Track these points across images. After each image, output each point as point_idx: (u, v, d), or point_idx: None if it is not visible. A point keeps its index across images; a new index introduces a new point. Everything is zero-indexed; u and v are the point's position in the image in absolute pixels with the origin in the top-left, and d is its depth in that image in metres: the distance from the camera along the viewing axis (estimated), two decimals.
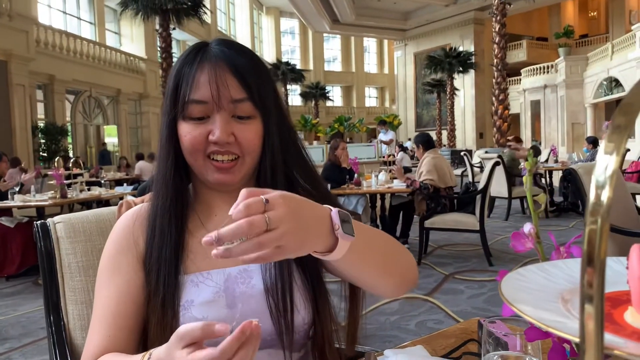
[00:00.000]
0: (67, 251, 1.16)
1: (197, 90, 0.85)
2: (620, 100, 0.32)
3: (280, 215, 0.59)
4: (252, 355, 0.61)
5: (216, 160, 0.86)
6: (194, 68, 0.86)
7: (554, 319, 0.33)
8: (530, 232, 0.53)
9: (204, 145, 0.86)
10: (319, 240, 0.65)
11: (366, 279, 0.80)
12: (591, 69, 21.33)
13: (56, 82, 15.92)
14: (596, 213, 0.27)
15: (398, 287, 0.84)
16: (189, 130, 0.86)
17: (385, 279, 0.82)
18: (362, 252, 0.74)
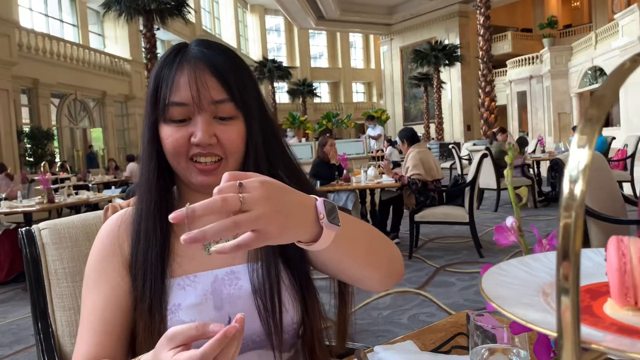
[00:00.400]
0: (53, 257, 1.15)
1: (177, 93, 0.84)
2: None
3: (255, 198, 0.57)
4: (234, 354, 0.61)
5: (199, 162, 0.85)
6: (173, 70, 0.85)
7: (533, 314, 0.33)
8: (513, 226, 0.53)
9: (187, 147, 0.85)
10: (302, 229, 0.64)
11: (352, 271, 0.80)
12: (576, 58, 21.49)
13: (40, 85, 15.76)
14: (570, 207, 0.27)
15: (384, 280, 0.83)
16: (171, 133, 0.85)
17: (371, 272, 0.81)
18: (347, 243, 0.73)
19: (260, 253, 0.89)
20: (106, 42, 21.16)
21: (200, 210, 0.55)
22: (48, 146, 15.02)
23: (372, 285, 0.84)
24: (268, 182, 0.60)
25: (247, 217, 0.56)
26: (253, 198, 0.57)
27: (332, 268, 0.79)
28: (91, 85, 18.30)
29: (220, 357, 0.60)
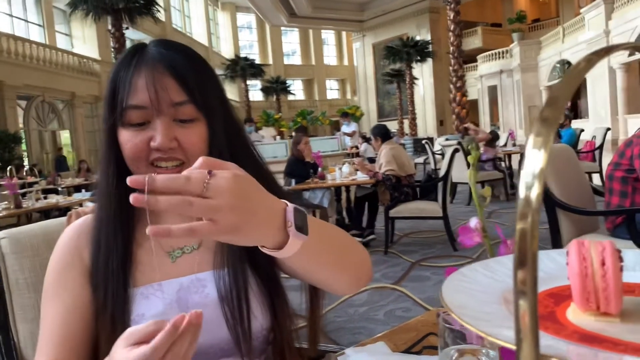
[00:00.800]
0: (13, 267, 1.11)
1: (135, 95, 0.81)
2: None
3: (220, 187, 0.55)
4: (189, 347, 0.60)
5: (160, 167, 0.82)
6: (130, 71, 0.82)
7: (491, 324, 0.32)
8: (477, 227, 0.53)
9: (146, 152, 0.82)
10: (266, 233, 0.61)
11: (320, 276, 0.78)
12: (544, 52, 21.90)
13: (6, 87, 15.36)
14: (526, 215, 0.26)
15: (353, 283, 0.81)
16: (130, 137, 0.82)
17: (339, 276, 0.79)
18: (315, 251, 0.71)
19: (227, 259, 0.86)
20: (74, 42, 20.74)
21: (160, 182, 0.53)
22: (16, 150, 14.65)
23: (340, 289, 0.82)
24: (241, 177, 0.58)
25: (205, 202, 0.54)
26: (218, 187, 0.55)
27: (300, 274, 0.77)
28: (59, 86, 17.91)
29: (174, 349, 0.58)
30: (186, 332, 0.58)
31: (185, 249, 0.90)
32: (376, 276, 4.23)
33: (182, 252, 0.89)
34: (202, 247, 0.90)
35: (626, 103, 15.57)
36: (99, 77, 20.25)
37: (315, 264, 0.74)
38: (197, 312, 0.59)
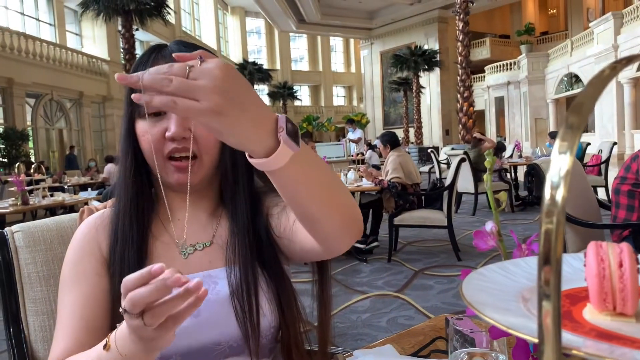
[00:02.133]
0: (26, 261, 1.13)
1: None
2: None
3: (205, 70, 0.55)
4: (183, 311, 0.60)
5: (175, 159, 0.85)
6: (148, 66, 0.85)
7: (513, 319, 0.33)
8: (492, 231, 0.54)
9: (162, 143, 0.84)
10: (257, 133, 0.59)
11: (310, 204, 0.71)
12: (552, 65, 21.88)
13: (15, 85, 15.46)
14: (551, 214, 0.27)
15: (343, 227, 0.76)
16: (146, 129, 0.85)
17: (330, 212, 0.73)
18: (305, 169, 0.67)
19: (238, 256, 0.88)
20: (84, 41, 20.87)
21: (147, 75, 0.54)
22: (23, 147, 14.74)
23: (332, 229, 0.75)
24: (230, 67, 0.57)
25: (186, 81, 0.54)
26: (203, 70, 0.55)
27: (290, 195, 0.70)
28: (68, 85, 18.01)
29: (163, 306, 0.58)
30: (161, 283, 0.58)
31: (198, 245, 0.91)
32: (379, 284, 4.23)
33: (194, 249, 0.91)
34: (214, 244, 0.92)
35: (633, 118, 15.55)
36: (107, 78, 20.36)
37: (306, 185, 0.69)
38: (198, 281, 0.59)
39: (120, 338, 0.66)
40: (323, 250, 0.81)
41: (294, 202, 0.71)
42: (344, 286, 4.21)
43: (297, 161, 0.63)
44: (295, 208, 0.73)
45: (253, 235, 0.89)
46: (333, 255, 0.83)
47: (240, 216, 0.90)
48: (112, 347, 0.66)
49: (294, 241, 0.87)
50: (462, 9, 16.15)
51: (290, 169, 0.63)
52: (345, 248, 0.80)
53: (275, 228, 0.91)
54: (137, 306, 0.58)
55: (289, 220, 0.88)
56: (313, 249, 0.82)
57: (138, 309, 0.58)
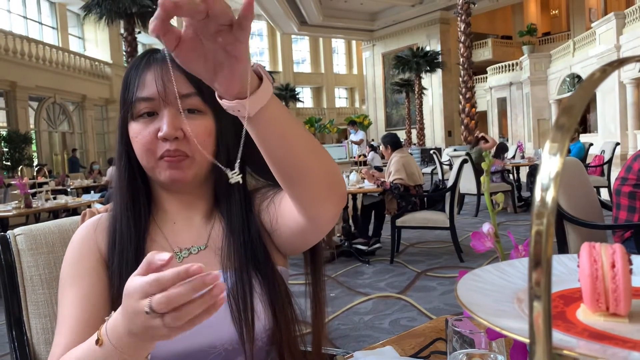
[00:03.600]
0: (28, 264, 1.13)
1: (144, 88, 0.85)
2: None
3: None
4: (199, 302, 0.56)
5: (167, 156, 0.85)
6: (140, 69, 0.87)
7: (507, 320, 0.33)
8: (489, 232, 0.54)
9: (155, 144, 0.85)
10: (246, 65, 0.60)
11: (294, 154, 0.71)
12: (554, 66, 21.84)
13: (18, 88, 15.51)
14: (541, 215, 0.27)
15: (326, 184, 0.75)
16: (139, 130, 0.86)
17: (314, 165, 0.73)
18: (285, 113, 0.68)
19: (233, 260, 0.88)
20: (86, 45, 20.94)
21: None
22: (26, 150, 14.78)
23: (315, 191, 0.75)
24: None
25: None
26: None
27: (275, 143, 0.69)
28: (71, 88, 18.07)
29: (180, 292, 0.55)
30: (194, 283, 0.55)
31: (192, 249, 0.92)
32: (381, 285, 4.23)
33: (189, 253, 0.91)
34: (209, 247, 0.92)
35: (636, 118, 15.50)
36: (110, 80, 20.42)
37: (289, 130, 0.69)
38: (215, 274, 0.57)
39: (113, 332, 0.64)
40: (308, 222, 0.80)
41: (278, 150, 0.70)
42: (346, 288, 4.21)
43: (275, 100, 0.66)
44: (278, 160, 0.72)
45: (248, 237, 0.89)
46: (321, 230, 0.83)
47: (235, 217, 0.90)
48: (105, 342, 0.65)
49: (281, 225, 0.88)
50: (464, 10, 16.15)
51: (273, 106, 0.65)
52: (329, 216, 0.79)
53: (266, 222, 0.92)
54: (171, 305, 0.55)
55: (275, 207, 0.90)
56: (299, 225, 0.82)
57: (169, 308, 0.55)
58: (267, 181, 0.96)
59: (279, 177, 0.75)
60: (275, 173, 0.74)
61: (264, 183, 0.97)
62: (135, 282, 0.58)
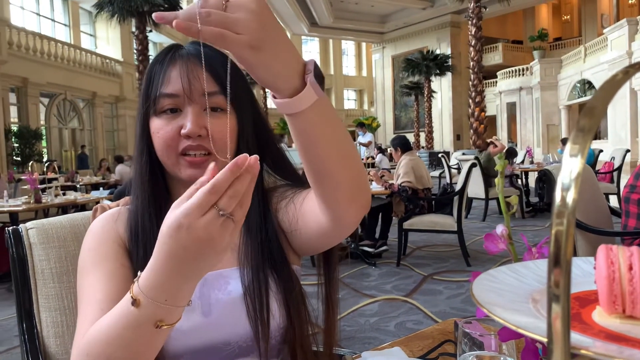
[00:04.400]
0: (40, 257, 1.14)
1: (168, 85, 0.85)
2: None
3: (243, 4, 0.55)
4: (247, 190, 0.57)
5: (188, 155, 0.85)
6: (165, 64, 0.86)
7: (523, 319, 0.33)
8: (503, 234, 0.54)
9: (177, 141, 0.85)
10: (286, 69, 0.61)
11: (326, 156, 0.70)
12: (565, 71, 21.72)
13: (30, 85, 15.64)
14: (562, 215, 0.27)
15: (353, 187, 0.75)
16: (161, 126, 0.85)
17: (343, 166, 0.72)
18: (325, 118, 0.67)
19: (249, 257, 0.89)
20: (98, 42, 21.07)
21: (182, 12, 0.54)
22: (36, 146, 14.89)
23: (342, 193, 0.74)
24: (264, 3, 0.58)
25: (228, 15, 0.55)
26: (242, 3, 0.56)
27: (307, 143, 0.69)
28: (81, 85, 18.20)
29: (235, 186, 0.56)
30: (246, 172, 0.57)
31: None
32: (387, 288, 4.23)
33: None
34: None
35: None
36: (120, 78, 20.54)
37: (324, 134, 0.68)
38: (255, 156, 0.57)
39: (150, 287, 0.62)
40: (331, 224, 0.79)
41: (309, 151, 0.70)
42: (352, 289, 4.21)
43: (319, 107, 0.64)
44: (309, 159, 0.72)
45: (265, 236, 0.90)
46: (341, 233, 0.82)
47: (252, 216, 0.90)
48: (142, 301, 0.62)
49: (301, 226, 0.88)
50: (475, 13, 16.10)
51: (312, 113, 0.64)
52: (352, 221, 0.79)
53: (283, 222, 0.91)
54: (235, 199, 0.56)
55: (295, 207, 0.89)
56: (320, 227, 0.82)
57: (234, 204, 0.56)
58: (285, 180, 0.96)
59: (307, 173, 0.75)
60: (305, 168, 0.74)
61: (282, 182, 0.97)
62: (187, 205, 0.57)
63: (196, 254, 0.58)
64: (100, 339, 0.68)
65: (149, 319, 0.63)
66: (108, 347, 0.67)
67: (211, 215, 0.56)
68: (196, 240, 0.57)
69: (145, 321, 0.63)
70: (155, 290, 0.62)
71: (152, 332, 0.64)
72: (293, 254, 0.94)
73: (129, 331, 0.65)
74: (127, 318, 0.65)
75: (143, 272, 0.63)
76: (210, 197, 0.56)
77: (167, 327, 0.64)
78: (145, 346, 0.66)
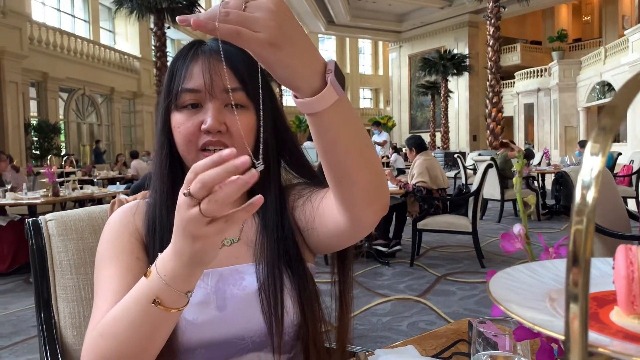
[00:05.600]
0: (58, 249, 1.16)
1: (190, 80, 0.86)
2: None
3: (262, 4, 0.57)
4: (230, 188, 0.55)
5: (208, 151, 0.86)
6: (187, 60, 0.88)
7: (540, 317, 0.33)
8: (520, 233, 0.54)
9: (197, 136, 0.86)
10: (306, 69, 0.61)
11: (345, 156, 0.71)
12: (584, 73, 21.45)
13: (49, 79, 15.84)
14: (582, 213, 0.27)
15: (372, 188, 0.75)
16: (182, 120, 0.86)
17: (362, 166, 0.72)
18: (345, 118, 0.68)
19: (265, 253, 0.89)
20: (116, 38, 21.26)
21: (203, 14, 0.56)
22: (54, 140, 15.08)
23: (361, 193, 0.74)
24: (284, 3, 0.59)
25: (247, 14, 0.56)
26: (261, 4, 0.57)
27: (327, 142, 0.69)
28: (100, 81, 18.39)
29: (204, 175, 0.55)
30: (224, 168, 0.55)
31: (225, 241, 0.92)
32: (400, 287, 4.22)
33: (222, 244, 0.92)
34: (241, 241, 0.93)
35: None
36: (138, 74, 20.71)
37: (344, 134, 0.68)
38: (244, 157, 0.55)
39: (161, 261, 0.65)
40: (348, 224, 0.79)
41: (330, 151, 0.71)
42: (365, 288, 4.21)
43: (339, 107, 0.65)
44: (329, 159, 0.72)
45: (282, 234, 0.90)
46: (358, 234, 0.83)
47: (270, 213, 0.91)
48: (152, 273, 0.66)
49: (318, 225, 0.88)
50: (494, 13, 15.96)
51: (333, 113, 0.65)
52: (370, 222, 0.79)
53: (300, 220, 0.92)
54: (205, 187, 0.55)
55: (313, 206, 0.90)
56: (338, 227, 0.82)
57: (205, 192, 0.56)
58: (302, 178, 0.97)
59: (327, 173, 0.75)
60: (324, 168, 0.75)
61: (299, 180, 0.98)
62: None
63: (180, 231, 0.60)
64: (114, 317, 0.71)
65: (149, 292, 0.66)
66: (118, 323, 0.69)
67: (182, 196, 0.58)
68: (178, 218, 0.60)
69: (147, 294, 0.66)
70: (161, 263, 0.65)
71: (153, 311, 0.66)
72: (308, 252, 0.94)
73: (134, 304, 0.68)
74: (135, 290, 0.68)
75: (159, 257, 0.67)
76: (189, 175, 0.57)
77: (163, 309, 0.65)
78: (150, 327, 0.68)
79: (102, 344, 0.71)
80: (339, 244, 0.90)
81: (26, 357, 3.07)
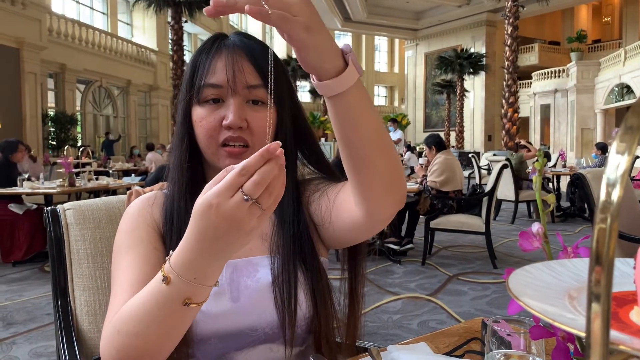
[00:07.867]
0: (76, 237, 1.18)
1: (213, 75, 0.87)
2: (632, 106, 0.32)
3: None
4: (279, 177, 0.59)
5: (228, 146, 0.87)
6: (210, 54, 0.88)
7: (560, 314, 0.33)
8: (539, 232, 0.54)
9: (218, 131, 0.87)
10: (330, 52, 0.65)
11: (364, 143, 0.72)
12: (603, 74, 21.18)
13: (67, 71, 16.02)
14: (606, 211, 0.27)
15: (389, 179, 0.76)
16: (204, 115, 0.87)
17: (380, 155, 0.74)
18: (364, 101, 0.70)
19: (279, 246, 0.90)
20: (134, 31, 21.41)
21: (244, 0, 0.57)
22: (71, 131, 15.24)
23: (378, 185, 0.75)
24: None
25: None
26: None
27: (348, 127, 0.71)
28: (117, 73, 18.54)
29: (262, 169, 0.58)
30: (275, 159, 0.58)
31: None
32: (411, 286, 4.21)
33: None
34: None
35: None
36: (154, 67, 20.84)
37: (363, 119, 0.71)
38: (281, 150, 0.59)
39: (181, 265, 0.64)
40: (364, 218, 0.80)
41: (351, 135, 0.72)
42: (376, 286, 4.21)
43: (359, 87, 0.69)
44: (350, 144, 0.73)
45: (297, 229, 0.91)
46: (374, 228, 0.83)
47: (286, 208, 0.91)
48: (173, 279, 0.64)
49: (334, 219, 0.88)
50: (512, 13, 15.80)
51: (354, 92, 0.68)
52: (387, 214, 0.80)
53: (315, 215, 0.92)
54: (261, 186, 0.57)
55: (329, 199, 0.90)
56: (353, 221, 0.83)
57: (260, 190, 0.57)
58: (319, 172, 0.97)
59: (346, 162, 0.76)
60: (343, 156, 0.76)
61: (316, 174, 0.98)
62: (218, 186, 0.59)
63: (224, 233, 0.60)
64: (131, 316, 0.69)
65: (178, 296, 0.64)
66: (138, 324, 0.68)
67: (238, 197, 0.58)
68: (224, 221, 0.59)
69: (175, 298, 0.65)
70: (185, 268, 0.63)
71: (181, 310, 0.66)
72: (322, 246, 0.95)
73: (158, 308, 0.66)
74: (157, 296, 0.66)
75: (174, 251, 0.65)
76: (238, 179, 0.58)
77: (195, 306, 0.65)
78: (174, 324, 0.68)
79: (123, 341, 0.70)
80: (353, 239, 0.90)
81: (41, 344, 3.11)
